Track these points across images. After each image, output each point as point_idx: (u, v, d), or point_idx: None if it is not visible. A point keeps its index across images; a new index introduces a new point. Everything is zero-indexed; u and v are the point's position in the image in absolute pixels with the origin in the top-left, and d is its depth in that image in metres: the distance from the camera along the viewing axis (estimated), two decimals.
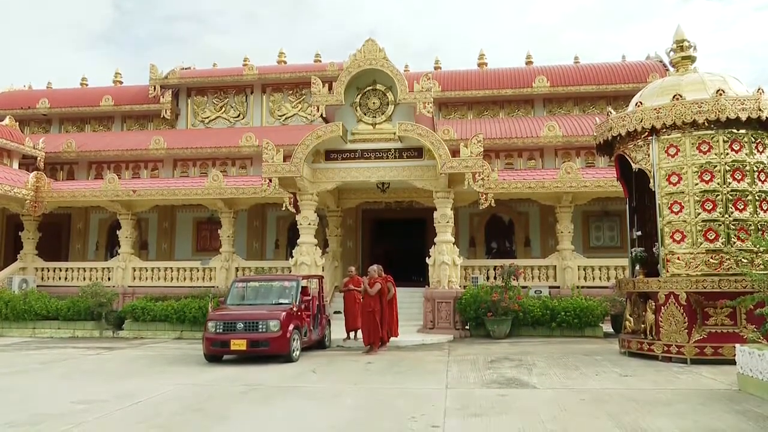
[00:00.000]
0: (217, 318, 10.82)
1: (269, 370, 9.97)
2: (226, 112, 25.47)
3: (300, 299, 11.55)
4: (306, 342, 11.60)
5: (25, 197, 19.48)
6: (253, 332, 10.50)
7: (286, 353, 10.61)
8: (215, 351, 10.74)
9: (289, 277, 12.54)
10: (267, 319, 10.55)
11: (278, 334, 10.45)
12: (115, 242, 20.74)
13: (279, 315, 10.66)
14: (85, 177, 23.38)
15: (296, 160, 15.18)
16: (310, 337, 11.88)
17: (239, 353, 10.69)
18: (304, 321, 11.55)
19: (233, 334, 10.55)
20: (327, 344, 13.08)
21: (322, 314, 12.88)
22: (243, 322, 10.63)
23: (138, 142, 23.20)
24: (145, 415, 6.75)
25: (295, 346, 10.84)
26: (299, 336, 11.11)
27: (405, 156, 15.66)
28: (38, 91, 27.39)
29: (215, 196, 18.91)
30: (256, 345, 10.42)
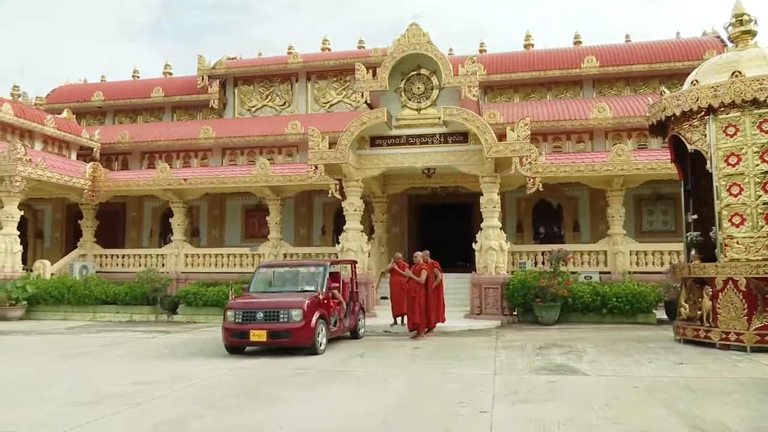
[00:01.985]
0: (236, 307, 10.10)
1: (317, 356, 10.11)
2: (272, 101, 25.76)
3: (327, 286, 10.76)
4: (335, 332, 10.90)
5: (83, 187, 20.25)
6: (274, 322, 9.72)
7: (310, 345, 9.76)
8: (234, 342, 9.99)
9: (316, 263, 11.68)
10: (289, 308, 9.75)
11: (301, 324, 9.62)
12: (168, 230, 21.33)
13: (302, 303, 9.83)
14: (138, 167, 24.11)
15: (341, 147, 15.25)
16: (340, 327, 11.18)
17: (259, 344, 9.96)
18: (333, 309, 10.78)
19: (253, 324, 9.77)
20: (360, 334, 12.34)
21: (355, 302, 12.20)
22: (263, 311, 9.85)
23: (188, 132, 23.75)
24: (199, 396, 6.96)
25: (320, 337, 9.97)
26: (325, 326, 10.24)
27: (450, 141, 15.53)
28: (93, 84, 28.33)
29: (263, 184, 19.20)
30: (276, 336, 9.64)
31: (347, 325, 11.62)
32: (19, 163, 17.49)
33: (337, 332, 11.09)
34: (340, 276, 11.85)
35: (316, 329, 9.81)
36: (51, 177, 18.77)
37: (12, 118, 19.18)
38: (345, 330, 11.58)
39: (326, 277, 10.81)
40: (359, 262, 15.87)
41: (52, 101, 26.79)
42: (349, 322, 11.70)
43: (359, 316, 12.37)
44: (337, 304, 11.08)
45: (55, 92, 27.91)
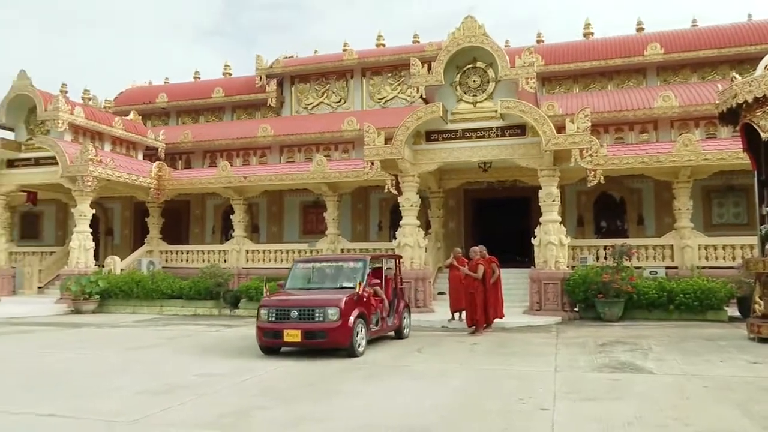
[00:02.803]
0: (270, 304, 9.51)
1: (375, 349, 10.16)
2: (328, 98, 26.04)
3: (368, 282, 10.02)
4: (377, 331, 10.21)
5: (149, 185, 21.06)
6: (309, 321, 9.07)
7: (347, 346, 9.09)
8: (268, 342, 9.41)
9: (356, 257, 10.99)
10: (324, 306, 9.07)
11: (337, 324, 8.93)
12: (229, 226, 21.91)
13: (339, 301, 9.13)
14: (200, 165, 24.85)
15: (397, 143, 15.25)
16: (383, 326, 10.43)
17: (293, 345, 9.36)
18: (374, 307, 10.05)
19: (287, 323, 9.17)
20: (406, 334, 11.51)
21: (400, 299, 11.45)
22: (298, 309, 9.22)
23: (247, 131, 24.32)
24: (261, 388, 7.12)
25: (359, 338, 9.28)
26: (365, 325, 9.53)
27: (507, 134, 15.28)
28: (157, 86, 29.40)
29: (319, 180, 19.44)
30: (311, 336, 9.01)
31: (390, 325, 10.85)
32: (91, 163, 18.34)
33: (380, 332, 10.36)
34: (383, 271, 11.22)
35: (355, 329, 9.12)
36: (119, 176, 19.61)
37: (83, 121, 20.12)
38: (388, 330, 10.83)
39: (366, 272, 10.06)
40: (416, 257, 15.88)
41: (120, 104, 27.96)
42: (392, 321, 10.94)
43: (404, 314, 11.51)
44: (379, 302, 10.36)
45: (123, 95, 29.12)
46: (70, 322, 15.31)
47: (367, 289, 9.86)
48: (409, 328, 11.77)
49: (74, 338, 12.45)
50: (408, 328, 11.72)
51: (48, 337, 12.52)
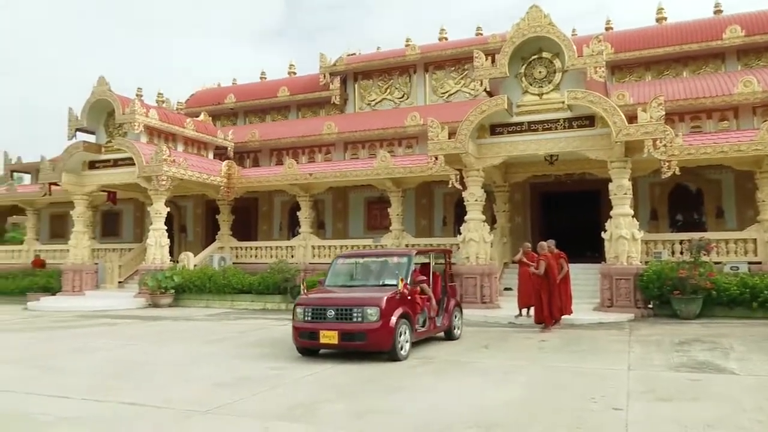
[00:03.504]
0: (306, 303, 8.90)
1: (439, 345, 10.13)
2: (391, 94, 26.10)
3: (413, 279, 9.31)
4: (424, 332, 9.51)
5: (219, 184, 21.77)
6: (347, 321, 8.41)
7: (389, 349, 8.38)
8: (304, 343, 8.84)
9: (400, 252, 10.30)
10: (363, 305, 8.38)
11: (377, 325, 8.24)
12: (296, 222, 22.33)
13: (379, 300, 8.41)
14: (267, 163, 25.45)
15: (461, 137, 15.11)
16: (430, 327, 9.74)
17: (330, 347, 8.69)
18: (420, 307, 9.35)
19: (323, 323, 8.55)
20: (456, 335, 10.76)
21: (450, 297, 10.68)
22: (335, 308, 8.56)
23: (311, 129, 24.70)
24: (327, 382, 7.23)
25: (402, 340, 8.57)
26: (409, 326, 8.81)
27: (575, 125, 14.85)
28: (225, 87, 30.31)
29: (383, 176, 19.52)
30: (349, 338, 8.35)
31: (440, 325, 10.15)
32: (165, 163, 19.12)
33: (427, 333, 9.67)
34: (431, 267, 10.46)
35: (397, 330, 8.41)
36: (192, 175, 20.36)
37: (157, 123, 20.99)
38: (437, 330, 10.12)
39: (411, 268, 9.34)
40: (481, 252, 15.71)
41: (191, 105, 29.01)
42: (442, 322, 10.22)
43: (455, 313, 10.75)
44: (426, 300, 9.65)
45: (193, 97, 30.20)
46: (148, 316, 16.05)
47: (412, 287, 9.15)
48: (460, 329, 10.98)
49: (152, 331, 13.04)
50: (459, 329, 10.93)
51: (129, 330, 13.17)
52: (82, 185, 21.10)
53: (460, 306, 11.23)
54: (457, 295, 11.17)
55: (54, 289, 21.33)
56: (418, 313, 9.28)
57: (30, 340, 11.60)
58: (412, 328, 8.91)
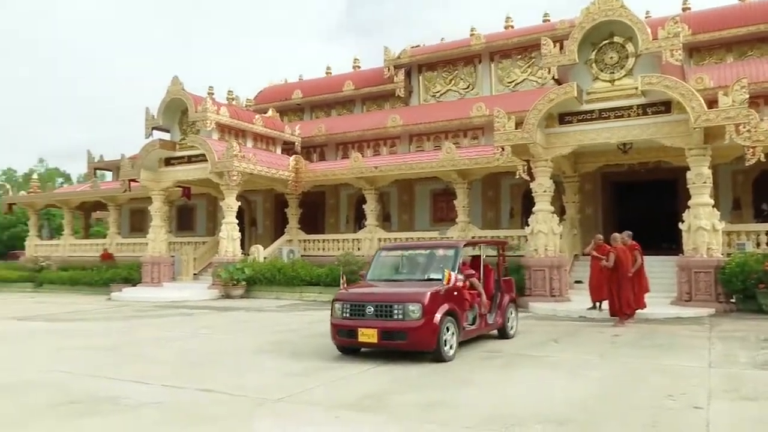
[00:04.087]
0: (344, 298, 8.36)
1: (506, 339, 9.98)
2: (456, 85, 25.86)
3: (461, 272, 8.61)
4: (474, 330, 8.86)
5: (287, 178, 22.26)
6: (387, 319, 7.82)
7: (432, 349, 7.76)
8: (343, 342, 8.30)
9: (447, 244, 9.51)
10: (404, 302, 7.76)
11: (419, 323, 7.63)
12: (361, 215, 22.55)
13: (422, 296, 7.77)
14: (333, 157, 25.79)
15: (528, 126, 14.80)
16: (481, 324, 9.06)
17: (369, 346, 8.13)
18: (469, 303, 8.69)
19: (362, 320, 7.99)
20: (511, 333, 10.01)
21: (504, 293, 9.94)
22: (374, 304, 7.97)
23: (376, 122, 24.83)
24: (394, 374, 7.27)
25: (447, 340, 7.93)
26: (456, 325, 8.14)
27: (650, 112, 14.24)
28: (292, 84, 30.91)
29: (449, 168, 19.39)
30: (389, 337, 7.77)
31: (492, 323, 9.47)
32: (235, 159, 19.71)
33: (477, 331, 9.02)
34: (482, 260, 9.71)
35: (441, 329, 7.77)
36: (261, 170, 20.90)
37: (228, 120, 21.64)
38: (488, 328, 9.47)
39: (458, 261, 8.67)
40: (550, 244, 15.37)
41: (259, 102, 29.75)
42: (494, 319, 9.55)
43: (509, 310, 10.05)
44: (476, 296, 9.01)
45: (261, 93, 30.95)
46: (222, 306, 16.63)
47: (460, 281, 8.45)
48: (516, 328, 10.23)
49: (225, 321, 13.50)
50: (515, 327, 10.20)
51: (203, 320, 13.69)
52: (159, 181, 22.04)
53: (516, 302, 10.50)
54: (513, 290, 10.36)
55: (135, 280, 22.44)
56: (467, 309, 8.65)
57: (114, 329, 12.27)
58: (459, 326, 8.24)
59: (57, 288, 24.16)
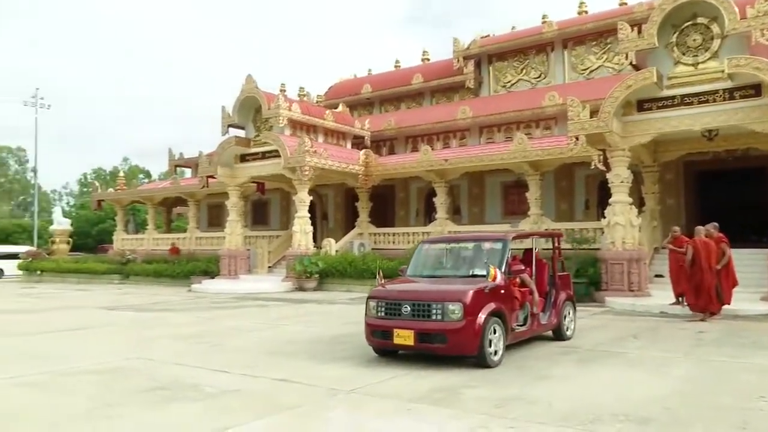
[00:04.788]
0: (379, 296, 7.70)
1: (585, 334, 9.70)
2: (527, 74, 25.29)
3: (508, 268, 7.85)
4: (525, 332, 8.10)
5: (357, 172, 22.50)
6: (424, 319, 7.14)
7: (475, 353, 7.03)
8: (378, 343, 7.68)
9: (494, 236, 8.69)
10: (443, 301, 7.08)
11: (460, 324, 6.91)
12: (431, 208, 22.49)
13: (463, 294, 7.05)
14: (403, 150, 25.83)
15: (604, 115, 14.28)
16: (533, 325, 8.27)
17: (405, 349, 7.41)
18: (519, 302, 7.95)
19: (397, 320, 7.32)
20: (568, 335, 9.18)
21: (560, 290, 9.14)
22: (411, 303, 7.28)
23: (446, 114, 24.67)
24: (468, 368, 7.20)
25: (492, 343, 7.16)
26: (502, 327, 7.35)
27: (737, 96, 13.43)
28: (361, 78, 31.16)
29: (520, 160, 19.02)
30: (427, 339, 7.09)
31: (545, 323, 8.68)
32: (307, 154, 20.10)
33: (529, 333, 8.25)
34: (533, 254, 8.97)
35: (485, 331, 7.02)
36: (332, 165, 21.23)
37: (300, 116, 22.09)
38: (542, 329, 8.67)
39: (506, 256, 7.92)
40: (628, 237, 14.81)
41: (330, 97, 30.18)
42: (548, 319, 8.75)
43: (566, 309, 9.19)
44: (527, 294, 8.25)
45: (332, 89, 31.39)
46: (295, 299, 17.03)
47: (507, 278, 7.73)
48: (573, 329, 9.37)
49: (299, 312, 13.83)
50: (572, 329, 9.35)
51: (278, 312, 14.08)
52: (235, 177, 22.79)
53: (573, 300, 9.60)
54: (570, 287, 9.54)
55: (213, 272, 23.34)
56: (517, 309, 7.91)
57: (195, 319, 12.81)
58: (506, 327, 7.45)
59: (142, 280, 25.50)
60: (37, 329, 11.37)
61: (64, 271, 29.55)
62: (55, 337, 10.27)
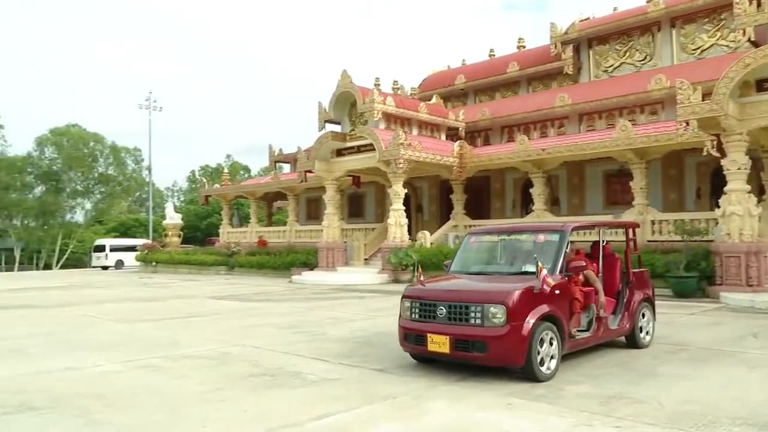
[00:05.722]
0: (413, 295, 6.82)
1: (696, 329, 9.11)
2: (631, 57, 23.99)
3: (566, 264, 6.73)
4: (589, 339, 6.97)
5: (452, 164, 22.35)
6: (462, 323, 6.22)
7: (521, 364, 6.05)
8: (411, 349, 6.81)
9: (549, 227, 7.57)
10: (484, 302, 6.12)
11: (503, 331, 5.95)
12: (528, 200, 21.93)
13: (506, 295, 6.08)
14: (498, 141, 25.35)
15: (718, 97, 13.29)
16: (599, 331, 7.08)
17: (439, 356, 6.49)
18: (580, 304, 6.82)
19: (432, 323, 6.45)
20: (645, 342, 7.86)
21: (634, 290, 7.82)
22: (446, 304, 6.37)
23: (543, 102, 23.93)
24: (570, 364, 6.98)
25: (544, 352, 6.15)
26: (557, 333, 6.32)
27: None
28: (455, 69, 30.85)
29: (624, 147, 18.10)
30: (464, 347, 6.15)
31: (615, 328, 7.42)
32: (402, 147, 20.21)
33: (593, 340, 7.09)
34: (600, 249, 7.83)
35: (534, 338, 6.04)
36: (426, 157, 21.21)
37: (394, 109, 22.23)
38: (610, 335, 7.40)
39: (563, 250, 6.85)
40: (746, 228, 13.78)
41: (423, 89, 30.14)
42: (619, 324, 7.50)
43: (642, 311, 7.87)
44: (591, 295, 7.10)
45: (425, 81, 31.32)
46: (391, 290, 17.22)
47: (564, 276, 6.64)
48: (651, 335, 8.04)
49: (394, 304, 13.89)
50: (650, 334, 8.02)
51: (374, 303, 14.29)
52: (331, 171, 23.34)
53: (652, 301, 8.23)
54: (648, 286, 8.24)
55: (312, 264, 24.08)
56: (578, 312, 6.82)
57: (295, 309, 13.28)
58: (562, 334, 6.41)
59: (246, 271, 26.77)
60: (154, 316, 12.25)
61: (176, 263, 31.62)
62: (170, 324, 11.01)
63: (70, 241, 56.37)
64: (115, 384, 6.30)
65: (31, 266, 54.66)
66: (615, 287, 7.76)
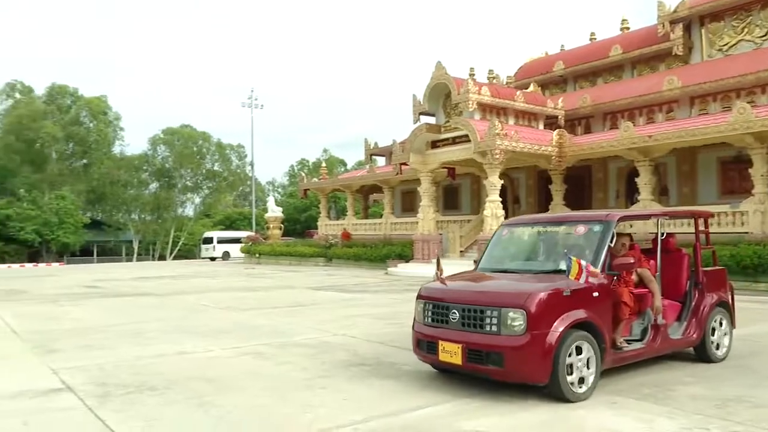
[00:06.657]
0: (427, 295, 5.96)
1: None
2: (750, 33, 22.14)
3: (608, 261, 5.62)
4: (640, 352, 5.86)
5: (550, 153, 21.65)
6: (475, 330, 5.30)
7: (544, 381, 5.06)
8: (423, 357, 5.91)
9: (590, 217, 6.27)
10: (500, 305, 5.17)
11: (523, 340, 5.00)
12: (633, 189, 20.84)
13: (527, 297, 5.10)
14: (600, 129, 24.26)
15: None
16: (655, 341, 5.95)
17: (451, 367, 5.60)
18: (629, 308, 5.74)
19: (444, 328, 5.58)
20: (719, 355, 6.59)
21: (704, 293, 6.54)
22: (459, 307, 5.45)
23: (649, 86, 22.64)
24: (680, 363, 6.59)
25: (574, 369, 5.12)
26: (595, 345, 5.27)
27: None
28: (553, 55, 29.87)
29: (742, 131, 16.73)
30: (477, 358, 5.21)
31: (678, 337, 6.26)
32: (498, 137, 19.83)
33: (648, 352, 5.97)
34: (658, 242, 6.48)
35: (561, 350, 5.03)
36: (523, 147, 20.68)
37: (489, 99, 21.83)
38: (672, 346, 6.28)
39: (606, 243, 5.65)
40: None
41: (520, 78, 29.41)
42: (684, 332, 6.33)
43: (715, 318, 6.61)
44: (643, 298, 6.05)
45: (522, 69, 30.55)
46: None
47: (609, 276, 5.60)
48: (728, 347, 6.74)
49: None
50: (727, 346, 6.73)
51: None
52: (426, 163, 23.32)
53: (730, 306, 6.92)
54: (724, 287, 6.92)
55: (407, 256, 24.24)
56: (627, 319, 5.79)
57: (391, 300, 13.42)
58: (602, 345, 5.35)
59: (343, 262, 27.39)
60: (258, 305, 12.82)
61: (277, 254, 32.93)
62: (273, 313, 11.47)
63: (181, 234, 60.21)
64: (223, 368, 6.64)
65: (147, 257, 58.90)
66: (680, 289, 6.59)
